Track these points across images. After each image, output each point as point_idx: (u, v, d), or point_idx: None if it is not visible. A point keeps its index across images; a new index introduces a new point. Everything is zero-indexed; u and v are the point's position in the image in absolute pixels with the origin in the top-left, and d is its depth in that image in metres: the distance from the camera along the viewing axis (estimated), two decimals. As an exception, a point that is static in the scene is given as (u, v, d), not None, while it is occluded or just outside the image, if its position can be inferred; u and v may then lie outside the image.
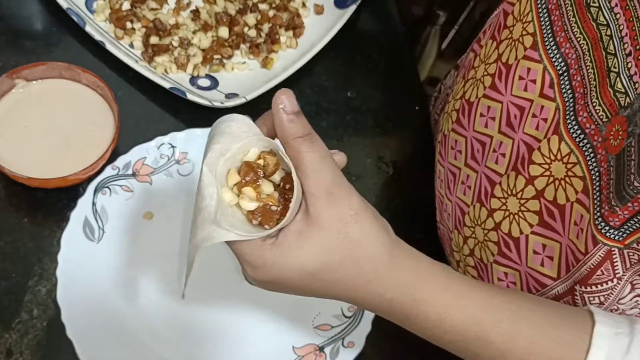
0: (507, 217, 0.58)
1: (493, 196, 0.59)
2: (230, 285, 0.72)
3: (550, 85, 0.54)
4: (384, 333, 0.71)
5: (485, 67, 0.61)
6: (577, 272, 0.52)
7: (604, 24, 0.49)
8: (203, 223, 0.45)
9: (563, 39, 0.53)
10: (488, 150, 0.60)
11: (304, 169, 0.44)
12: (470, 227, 0.63)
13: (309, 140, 0.44)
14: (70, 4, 0.83)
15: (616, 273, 0.50)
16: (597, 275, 0.51)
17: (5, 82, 0.73)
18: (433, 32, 1.17)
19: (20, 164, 0.70)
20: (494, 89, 0.59)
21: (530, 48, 0.56)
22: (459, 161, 0.64)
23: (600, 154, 0.49)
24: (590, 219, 0.50)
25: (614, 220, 0.48)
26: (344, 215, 0.44)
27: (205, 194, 0.45)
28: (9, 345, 0.66)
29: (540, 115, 0.54)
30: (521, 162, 0.56)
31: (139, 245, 0.72)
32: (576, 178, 0.51)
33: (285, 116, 0.44)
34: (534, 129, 0.55)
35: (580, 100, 0.51)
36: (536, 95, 0.55)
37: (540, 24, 0.55)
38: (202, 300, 0.71)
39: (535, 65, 0.55)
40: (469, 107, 0.62)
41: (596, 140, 0.49)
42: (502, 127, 0.58)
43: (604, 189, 0.48)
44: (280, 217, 0.45)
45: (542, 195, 0.54)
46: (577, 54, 0.51)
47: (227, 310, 0.71)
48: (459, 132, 0.64)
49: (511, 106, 0.57)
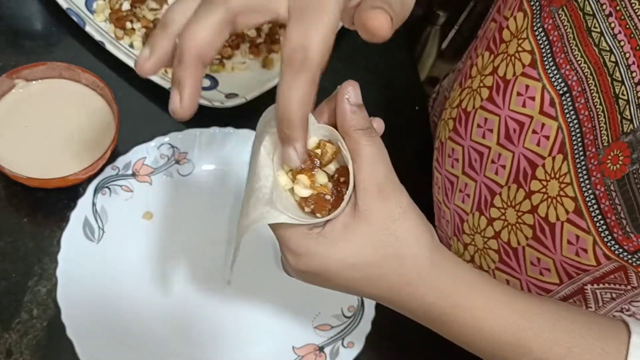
0: (506, 227, 0.58)
1: (493, 206, 0.59)
2: (230, 286, 0.72)
3: (550, 104, 0.53)
4: (384, 333, 0.71)
5: (481, 78, 0.61)
6: (587, 276, 0.52)
7: (607, 49, 0.49)
8: (256, 203, 0.44)
9: (563, 61, 0.52)
10: (486, 160, 0.60)
11: (360, 161, 0.44)
12: (469, 234, 0.63)
13: (368, 134, 0.44)
14: (70, 4, 0.82)
15: (630, 282, 0.50)
16: (610, 277, 0.51)
17: (5, 82, 0.73)
18: (433, 32, 1.16)
19: (20, 164, 0.70)
20: (491, 101, 0.59)
21: (528, 66, 0.55)
22: (456, 169, 0.64)
23: (595, 177, 0.49)
24: (595, 241, 0.50)
25: (628, 245, 0.48)
26: (392, 213, 0.44)
27: (260, 175, 0.45)
28: (9, 345, 0.66)
29: (541, 132, 0.54)
30: (524, 176, 0.56)
31: (138, 245, 0.72)
32: (567, 198, 0.51)
33: (349, 107, 0.45)
34: (536, 144, 0.54)
35: (587, 124, 0.50)
36: (536, 112, 0.54)
37: (538, 43, 0.55)
38: (202, 300, 0.71)
39: (534, 84, 0.55)
40: (466, 116, 0.62)
41: (592, 164, 0.49)
42: (501, 140, 0.58)
43: (610, 213, 0.48)
44: (332, 207, 0.45)
45: (536, 210, 0.54)
46: (579, 76, 0.51)
47: (227, 310, 0.71)
48: (456, 141, 0.64)
49: (509, 120, 0.57)
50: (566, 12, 0.52)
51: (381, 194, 0.44)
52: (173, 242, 0.73)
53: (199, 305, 0.71)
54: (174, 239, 0.73)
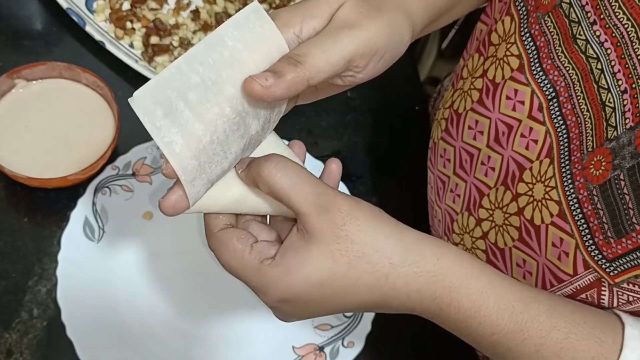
0: (494, 227, 0.58)
1: (481, 207, 0.60)
2: (230, 286, 0.72)
3: (539, 108, 0.54)
4: (384, 333, 0.71)
5: (472, 80, 0.61)
6: (558, 291, 0.52)
7: (593, 57, 0.49)
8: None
9: (550, 67, 0.53)
10: (476, 162, 0.60)
11: (285, 192, 0.44)
12: (459, 234, 0.64)
13: (275, 169, 0.44)
14: (70, 4, 0.83)
15: (601, 302, 0.50)
16: (580, 297, 0.51)
17: (5, 82, 0.73)
18: (433, 32, 1.16)
19: (20, 164, 0.70)
20: (482, 104, 0.59)
21: (517, 70, 0.55)
22: (447, 169, 0.65)
23: (579, 181, 0.49)
24: (577, 244, 0.50)
25: (607, 251, 0.48)
26: (336, 221, 0.44)
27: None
28: (9, 345, 0.66)
29: (529, 136, 0.54)
30: (511, 179, 0.56)
31: (138, 245, 0.72)
32: (552, 202, 0.51)
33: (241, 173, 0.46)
34: (524, 148, 0.55)
35: (574, 129, 0.51)
36: (524, 116, 0.55)
37: (525, 48, 0.55)
38: (202, 300, 0.71)
39: (523, 88, 0.55)
40: (457, 117, 0.63)
41: (576, 168, 0.50)
42: (490, 142, 0.58)
43: (593, 217, 0.48)
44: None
45: (522, 213, 0.55)
46: (567, 82, 0.51)
47: (226, 310, 0.71)
48: (447, 141, 0.64)
49: (499, 123, 0.57)
50: (552, 18, 0.52)
51: (319, 210, 0.44)
52: (173, 242, 0.73)
53: (199, 305, 0.71)
54: (174, 239, 0.73)
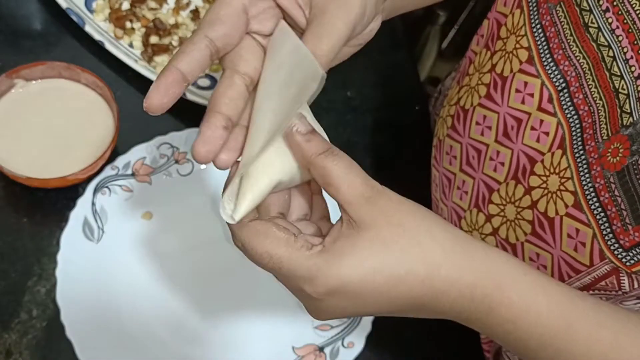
0: (505, 223, 0.58)
1: (491, 202, 0.59)
2: (230, 286, 0.72)
3: (549, 100, 0.54)
4: (384, 333, 0.71)
5: (479, 75, 0.61)
6: (577, 282, 0.52)
7: (605, 45, 0.49)
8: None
9: (561, 57, 0.53)
10: (484, 157, 0.60)
11: (335, 182, 0.42)
12: (467, 231, 0.63)
13: (331, 153, 0.43)
14: (70, 4, 0.82)
15: (622, 287, 0.50)
16: (600, 284, 0.51)
17: (5, 82, 0.73)
18: (433, 32, 1.17)
19: (20, 164, 0.70)
20: (490, 99, 0.59)
21: (526, 62, 0.55)
22: (454, 167, 0.65)
23: (595, 170, 0.49)
24: (594, 234, 0.50)
25: (624, 239, 0.47)
26: (387, 209, 0.42)
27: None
28: (9, 345, 0.66)
29: (540, 128, 0.54)
30: (522, 173, 0.56)
31: (138, 245, 0.72)
32: (567, 192, 0.51)
33: (301, 137, 0.43)
34: (535, 141, 0.55)
35: (587, 119, 0.51)
36: (534, 109, 0.55)
37: (535, 39, 0.55)
38: (202, 300, 0.71)
39: (533, 80, 0.55)
40: (464, 114, 0.62)
41: (592, 157, 0.50)
42: (499, 137, 0.58)
43: (610, 205, 0.48)
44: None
45: (536, 206, 0.54)
46: (577, 72, 0.52)
47: (226, 310, 0.71)
48: (454, 138, 0.64)
49: (508, 117, 0.57)
50: (563, 8, 0.53)
51: (369, 201, 0.42)
52: (173, 242, 0.73)
53: (199, 305, 0.71)
54: (173, 239, 0.73)
